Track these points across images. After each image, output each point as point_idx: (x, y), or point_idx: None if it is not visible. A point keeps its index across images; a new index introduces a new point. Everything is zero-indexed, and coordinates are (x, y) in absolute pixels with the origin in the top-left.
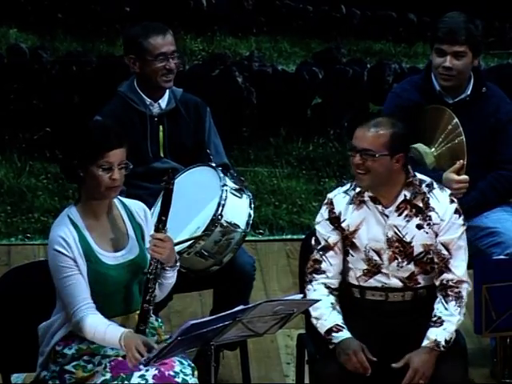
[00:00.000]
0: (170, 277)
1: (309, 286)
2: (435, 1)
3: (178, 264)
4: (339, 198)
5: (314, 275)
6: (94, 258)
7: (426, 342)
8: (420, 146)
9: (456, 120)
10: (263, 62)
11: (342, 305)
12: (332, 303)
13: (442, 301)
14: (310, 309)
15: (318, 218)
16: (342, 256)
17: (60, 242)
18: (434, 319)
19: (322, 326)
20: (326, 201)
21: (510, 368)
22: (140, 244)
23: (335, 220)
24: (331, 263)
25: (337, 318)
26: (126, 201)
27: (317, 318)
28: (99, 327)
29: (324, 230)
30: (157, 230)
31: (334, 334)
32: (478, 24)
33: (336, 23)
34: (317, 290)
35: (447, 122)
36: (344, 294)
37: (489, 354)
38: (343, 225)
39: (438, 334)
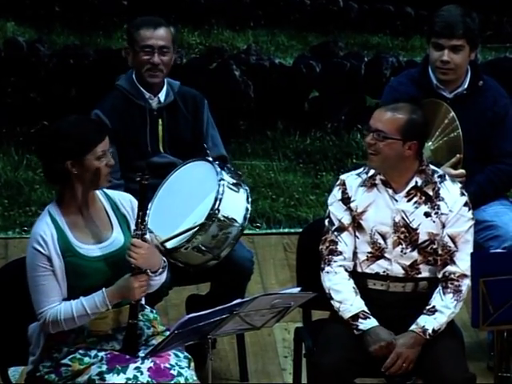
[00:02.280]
0: (155, 279)
1: (328, 268)
2: None
3: (162, 270)
4: (351, 179)
5: (331, 256)
6: (74, 253)
7: (413, 327)
8: None
9: (452, 114)
10: (260, 55)
11: None
12: (354, 287)
13: (441, 291)
14: (332, 291)
15: (331, 199)
16: (354, 237)
17: (38, 240)
18: (428, 307)
19: (347, 311)
20: (338, 182)
21: (507, 361)
22: (125, 234)
23: (347, 200)
24: (347, 244)
25: (362, 304)
26: (110, 192)
27: (340, 302)
28: (74, 305)
29: (337, 210)
30: (137, 226)
31: (361, 321)
32: (475, 17)
33: (333, 16)
34: (338, 273)
35: (444, 115)
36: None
37: (486, 347)
38: (351, 205)
39: (427, 322)
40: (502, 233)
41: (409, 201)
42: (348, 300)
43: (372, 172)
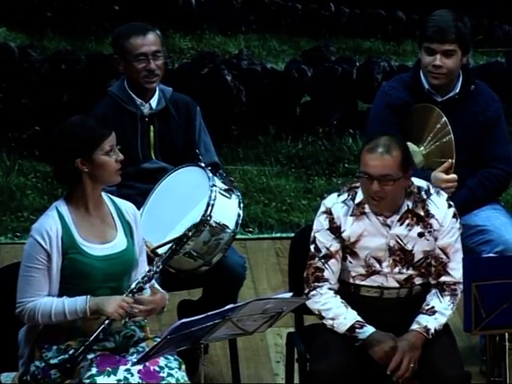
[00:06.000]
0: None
1: (314, 292)
2: None
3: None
4: (338, 207)
5: (316, 283)
6: (77, 250)
7: (415, 326)
8: (409, 145)
9: (444, 119)
10: (252, 60)
11: None
12: (342, 302)
13: (438, 294)
14: (322, 312)
15: (317, 227)
16: (340, 262)
17: (41, 234)
18: (427, 308)
19: (342, 325)
20: (323, 209)
21: (500, 366)
22: (128, 239)
23: (336, 230)
24: (333, 271)
25: (355, 315)
26: (116, 199)
27: (333, 319)
28: (55, 302)
29: (324, 238)
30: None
31: (358, 331)
32: (467, 21)
33: (325, 21)
34: (323, 294)
35: (436, 120)
36: (338, 288)
37: (478, 352)
38: (343, 235)
39: (429, 321)
40: (494, 237)
41: (401, 225)
42: (340, 315)
43: (359, 199)
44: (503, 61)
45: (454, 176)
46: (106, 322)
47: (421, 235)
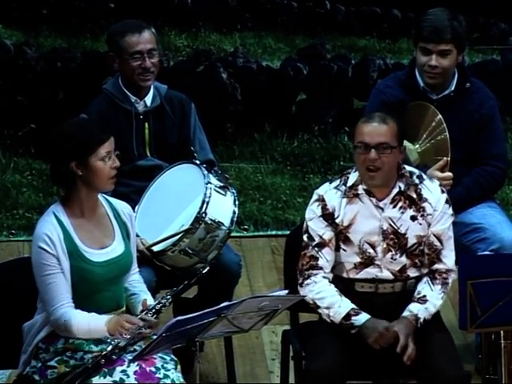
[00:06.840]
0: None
1: (308, 281)
2: None
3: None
4: (331, 194)
5: (311, 271)
6: (79, 256)
7: (406, 314)
8: (404, 143)
9: (440, 116)
10: (248, 58)
11: None
12: (336, 290)
13: (429, 282)
14: (316, 301)
15: (310, 215)
16: (334, 252)
17: (44, 239)
18: (419, 296)
19: (337, 314)
20: (316, 197)
21: (495, 364)
22: (125, 242)
23: (329, 216)
24: (327, 259)
25: (349, 303)
26: (112, 200)
27: (328, 308)
28: (82, 319)
29: (317, 226)
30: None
31: (354, 318)
32: (462, 20)
33: (320, 19)
34: (318, 282)
35: (431, 118)
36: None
37: (474, 349)
38: (337, 221)
39: (419, 310)
40: (489, 235)
41: (394, 207)
42: (335, 303)
43: (352, 181)
44: (499, 59)
45: (449, 174)
46: (109, 348)
47: (413, 218)
